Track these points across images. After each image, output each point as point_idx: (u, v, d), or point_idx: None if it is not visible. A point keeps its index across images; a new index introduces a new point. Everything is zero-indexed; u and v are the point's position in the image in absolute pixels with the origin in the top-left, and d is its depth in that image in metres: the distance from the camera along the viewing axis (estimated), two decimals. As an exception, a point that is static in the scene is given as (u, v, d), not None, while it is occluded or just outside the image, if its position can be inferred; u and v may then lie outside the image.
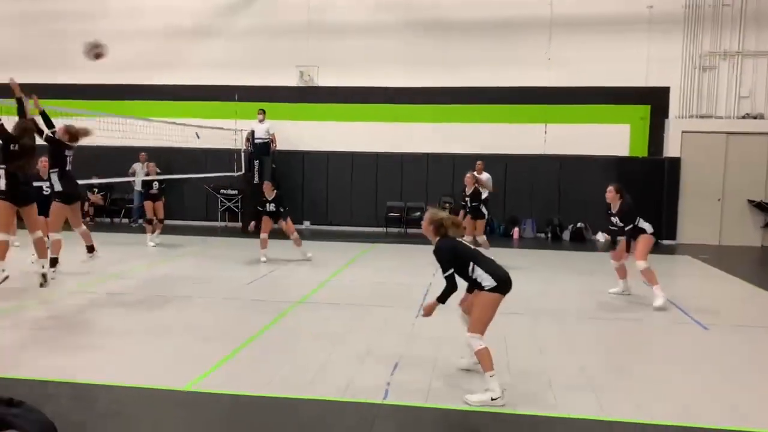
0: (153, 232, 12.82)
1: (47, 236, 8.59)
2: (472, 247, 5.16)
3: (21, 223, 8.68)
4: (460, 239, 5.13)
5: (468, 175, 11.25)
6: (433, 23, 15.96)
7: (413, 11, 16.01)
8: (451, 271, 4.90)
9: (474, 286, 4.96)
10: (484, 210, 11.11)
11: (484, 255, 5.07)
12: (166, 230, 13.11)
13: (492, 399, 4.68)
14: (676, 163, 15.11)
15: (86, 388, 4.97)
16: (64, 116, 9.83)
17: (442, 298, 4.93)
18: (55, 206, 8.66)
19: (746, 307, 8.68)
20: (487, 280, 4.81)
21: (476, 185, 11.13)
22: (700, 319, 7.55)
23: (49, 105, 9.00)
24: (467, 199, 11.16)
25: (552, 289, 9.19)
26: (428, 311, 5.12)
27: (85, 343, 6.16)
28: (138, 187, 16.27)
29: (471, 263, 4.87)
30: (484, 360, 4.74)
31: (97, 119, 11.16)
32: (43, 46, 17.08)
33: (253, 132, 15.75)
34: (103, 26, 16.84)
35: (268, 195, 11.32)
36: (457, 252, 4.95)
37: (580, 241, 15.01)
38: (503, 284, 4.82)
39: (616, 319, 7.61)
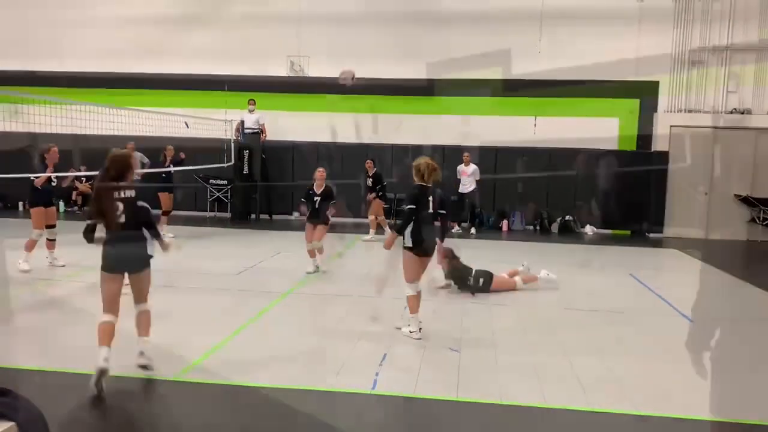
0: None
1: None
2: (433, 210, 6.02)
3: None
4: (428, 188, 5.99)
5: (319, 170, 9.71)
6: (426, 15, 15.91)
7: (405, 2, 15.96)
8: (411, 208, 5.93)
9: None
10: (329, 215, 9.37)
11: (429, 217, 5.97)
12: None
13: (410, 332, 5.95)
14: (664, 157, 15.20)
15: (74, 377, 4.96)
16: (50, 105, 9.72)
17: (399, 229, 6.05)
18: None
19: (732, 300, 8.77)
20: (407, 240, 5.94)
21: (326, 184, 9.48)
22: (686, 312, 7.62)
23: (35, 93, 8.90)
24: (316, 198, 9.38)
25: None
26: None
27: (72, 332, 6.14)
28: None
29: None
30: (409, 303, 6.01)
31: (85, 108, 11.05)
32: (32, 33, 16.88)
33: (242, 122, 15.67)
34: (92, 14, 16.74)
35: (369, 171, 11.32)
36: (417, 199, 5.95)
37: (569, 234, 15.08)
38: (416, 245, 5.90)
39: (600, 311, 7.67)
